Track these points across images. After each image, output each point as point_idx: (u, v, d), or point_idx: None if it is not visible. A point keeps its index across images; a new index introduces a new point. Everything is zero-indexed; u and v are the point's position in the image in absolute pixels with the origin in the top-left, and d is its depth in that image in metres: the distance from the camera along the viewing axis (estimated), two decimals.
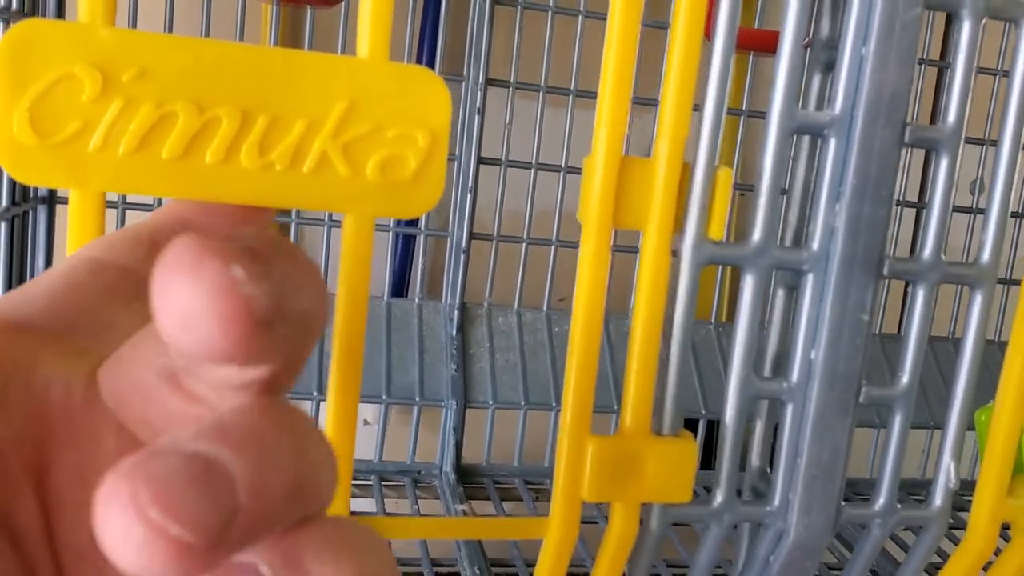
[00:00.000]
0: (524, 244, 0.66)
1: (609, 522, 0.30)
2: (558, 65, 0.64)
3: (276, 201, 0.23)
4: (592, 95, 0.27)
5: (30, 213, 0.57)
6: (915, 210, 0.74)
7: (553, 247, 0.66)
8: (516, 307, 0.67)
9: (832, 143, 0.28)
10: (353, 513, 0.29)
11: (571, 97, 0.65)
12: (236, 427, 0.14)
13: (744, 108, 0.69)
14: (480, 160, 0.64)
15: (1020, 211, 0.71)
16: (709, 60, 0.27)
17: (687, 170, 0.28)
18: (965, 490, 0.33)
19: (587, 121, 0.30)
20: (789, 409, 0.30)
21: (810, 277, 0.29)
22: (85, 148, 0.21)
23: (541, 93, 0.64)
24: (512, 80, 0.64)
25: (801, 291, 0.29)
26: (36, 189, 0.57)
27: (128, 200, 0.59)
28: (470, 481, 0.65)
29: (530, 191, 0.65)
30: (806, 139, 0.31)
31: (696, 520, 0.30)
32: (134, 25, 0.56)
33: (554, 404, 0.64)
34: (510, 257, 0.66)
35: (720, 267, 0.71)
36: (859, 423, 0.65)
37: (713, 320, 0.71)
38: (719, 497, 0.30)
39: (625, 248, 0.45)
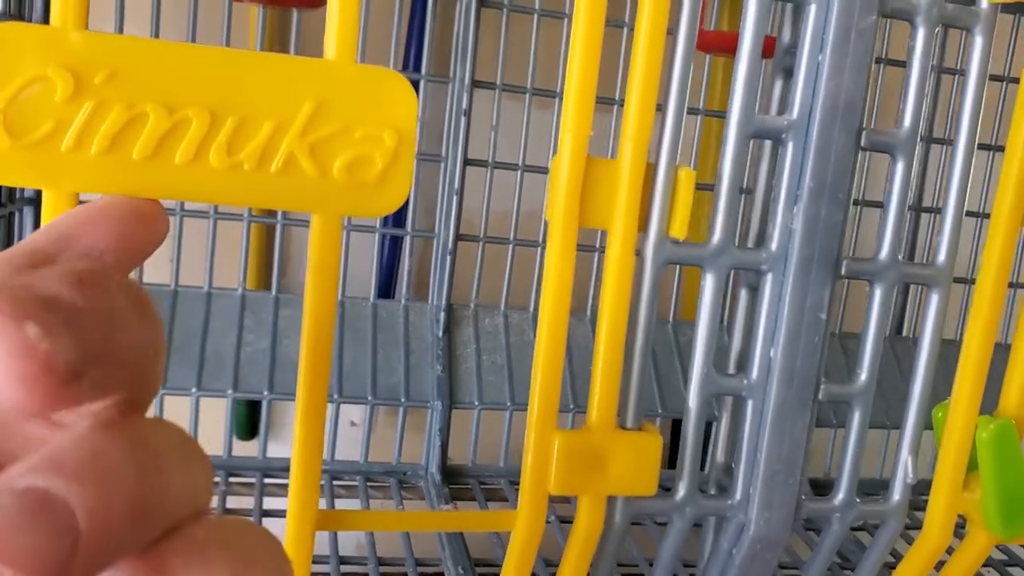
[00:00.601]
0: (511, 245, 0.66)
1: (576, 515, 0.31)
2: (544, 67, 0.65)
3: (244, 200, 0.24)
4: None
5: (16, 214, 0.58)
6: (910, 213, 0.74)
7: (540, 248, 0.66)
8: (503, 308, 0.67)
9: (790, 147, 0.29)
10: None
11: (557, 99, 0.65)
12: (73, 455, 0.14)
13: None
14: (467, 162, 0.64)
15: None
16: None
17: (651, 171, 0.29)
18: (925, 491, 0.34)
19: None
20: (749, 405, 0.30)
21: (769, 277, 0.29)
22: (57, 149, 0.22)
23: (528, 95, 0.64)
24: (499, 82, 0.64)
25: (760, 290, 0.30)
26: (23, 190, 0.57)
27: None
28: (456, 482, 0.65)
29: (517, 192, 0.65)
30: (768, 143, 0.32)
31: (659, 513, 0.31)
32: (121, 30, 0.56)
33: None
34: (497, 258, 0.66)
35: None
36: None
37: None
38: (681, 491, 0.31)
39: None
